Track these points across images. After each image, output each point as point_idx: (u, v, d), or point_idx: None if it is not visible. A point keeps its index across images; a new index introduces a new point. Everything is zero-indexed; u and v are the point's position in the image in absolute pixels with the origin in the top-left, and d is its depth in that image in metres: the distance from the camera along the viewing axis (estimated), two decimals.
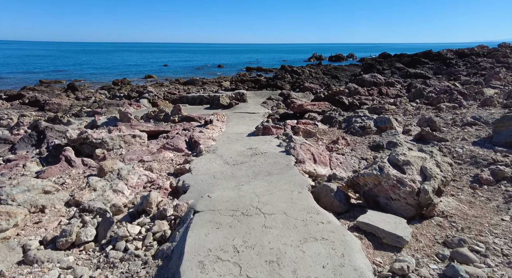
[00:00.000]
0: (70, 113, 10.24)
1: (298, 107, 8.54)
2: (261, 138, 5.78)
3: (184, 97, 12.06)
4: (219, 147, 5.22)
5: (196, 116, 8.89)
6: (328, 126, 7.05)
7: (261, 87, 16.60)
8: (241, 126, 7.52)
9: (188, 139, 6.07)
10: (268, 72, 30.40)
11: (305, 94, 11.59)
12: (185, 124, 7.84)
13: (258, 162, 4.27)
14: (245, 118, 8.53)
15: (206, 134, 6.20)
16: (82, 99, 13.56)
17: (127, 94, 14.09)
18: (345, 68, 26.15)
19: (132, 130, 6.04)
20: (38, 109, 11.82)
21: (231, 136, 6.16)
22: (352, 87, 10.61)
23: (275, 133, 6.01)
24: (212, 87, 19.79)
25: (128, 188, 3.75)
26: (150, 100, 12.12)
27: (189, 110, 10.37)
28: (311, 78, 18.68)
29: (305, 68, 22.36)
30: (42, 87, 20.54)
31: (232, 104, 10.48)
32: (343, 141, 5.52)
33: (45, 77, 27.91)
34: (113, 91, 18.00)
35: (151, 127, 6.88)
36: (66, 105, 11.86)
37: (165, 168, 4.65)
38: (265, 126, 6.11)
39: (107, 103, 11.72)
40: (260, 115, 9.05)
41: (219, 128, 7.08)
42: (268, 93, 14.26)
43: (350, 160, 4.65)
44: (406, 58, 30.81)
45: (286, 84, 16.86)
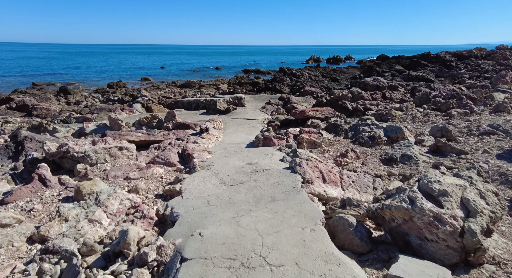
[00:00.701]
0: (58, 119, 9.62)
1: (300, 113, 7.98)
2: (261, 150, 5.20)
3: (180, 101, 11.46)
4: (215, 161, 4.63)
5: (191, 123, 8.30)
6: (333, 135, 6.49)
7: (260, 91, 16.04)
8: (239, 134, 6.94)
9: (181, 150, 5.48)
10: (266, 75, 29.86)
11: (306, 99, 11.05)
12: (179, 133, 7.25)
13: (260, 181, 3.68)
14: (244, 125, 7.95)
15: (201, 145, 5.62)
16: (73, 104, 12.92)
17: (120, 98, 13.46)
18: (344, 71, 25.66)
19: (120, 141, 5.44)
20: (26, 114, 11.17)
21: (229, 148, 5.58)
22: (356, 92, 10.06)
23: (277, 145, 5.44)
24: (209, 90, 19.21)
25: (107, 216, 3.15)
26: (144, 104, 11.51)
27: (185, 116, 9.78)
28: (311, 81, 18.14)
29: (304, 70, 21.84)
30: (34, 90, 19.84)
31: (230, 109, 9.91)
32: (353, 153, 4.95)
33: (39, 80, 27.19)
34: (107, 94, 17.36)
35: (141, 137, 6.28)
36: (55, 110, 11.22)
37: (153, 188, 4.06)
38: (265, 136, 5.54)
39: (98, 108, 11.10)
40: (259, 121, 8.48)
41: (216, 138, 6.49)
42: (267, 97, 13.70)
43: (363, 178, 4.08)
44: (405, 60, 30.41)
45: (285, 87, 16.31)
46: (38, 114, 10.91)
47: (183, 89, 20.39)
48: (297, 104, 10.28)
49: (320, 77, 19.42)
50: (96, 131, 8.25)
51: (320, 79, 18.81)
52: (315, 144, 5.61)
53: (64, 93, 16.72)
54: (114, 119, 8.31)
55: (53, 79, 28.07)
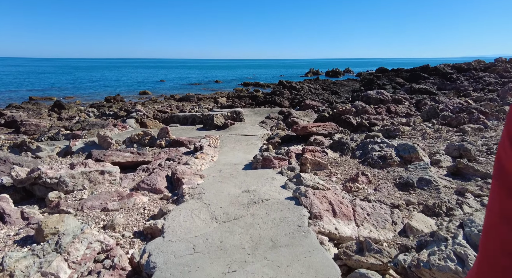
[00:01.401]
0: (46, 136, 9.04)
1: (301, 129, 7.41)
2: (260, 173, 4.59)
3: (176, 116, 10.92)
4: (207, 188, 4.02)
5: (185, 140, 7.72)
6: (339, 154, 5.89)
7: (259, 104, 15.55)
8: (236, 153, 6.34)
9: (170, 173, 4.88)
10: (265, 88, 29.55)
11: (307, 113, 10.52)
12: (171, 151, 6.65)
13: (258, 217, 3.06)
14: (242, 142, 7.36)
15: (193, 167, 5.01)
16: (65, 119, 12.38)
17: (114, 113, 12.94)
18: (344, 83, 25.32)
19: (102, 164, 4.83)
20: (14, 131, 10.61)
21: (224, 170, 4.97)
22: (359, 106, 9.54)
23: (278, 167, 4.83)
24: (208, 103, 18.75)
25: (68, 266, 2.52)
26: (138, 120, 10.97)
27: (180, 132, 9.21)
28: (311, 94, 17.70)
29: (303, 83, 21.46)
30: (30, 105, 19.38)
31: (228, 124, 9.35)
32: (364, 177, 4.35)
33: (36, 94, 26.80)
34: (102, 109, 16.88)
35: (128, 158, 5.68)
36: (45, 126, 10.65)
37: (133, 223, 3.43)
38: (265, 157, 4.94)
39: (91, 123, 10.55)
40: (258, 138, 7.90)
41: (211, 157, 5.89)
42: (267, 111, 13.18)
43: (379, 209, 3.46)
44: (405, 73, 30.19)
45: (285, 100, 15.83)
46: (27, 130, 10.35)
47: (181, 103, 19.94)
48: (298, 119, 9.74)
49: (320, 90, 19.00)
50: (83, 149, 7.66)
51: (320, 92, 18.38)
52: (320, 165, 5.01)
53: (59, 108, 16.22)
54: (103, 137, 7.74)
55: (50, 93, 27.70)
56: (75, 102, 22.40)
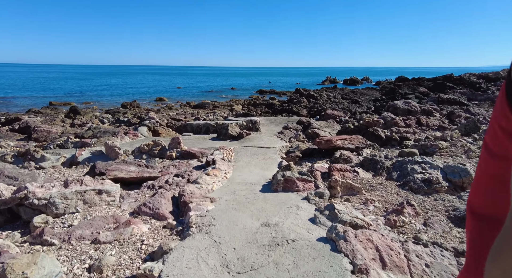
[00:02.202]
0: (54, 144, 8.62)
1: (326, 143, 6.61)
2: (282, 198, 3.83)
3: (189, 125, 10.35)
4: (218, 218, 3.29)
5: (197, 152, 7.08)
6: (372, 175, 5.05)
7: (276, 112, 14.84)
8: (252, 169, 5.61)
9: (177, 194, 4.19)
10: (281, 95, 28.86)
11: (329, 123, 9.71)
12: (181, 165, 6.00)
13: (283, 268, 2.30)
14: (258, 155, 6.63)
15: (203, 187, 4.31)
16: (78, 126, 12.06)
17: (128, 120, 12.53)
18: (364, 92, 24.28)
19: (101, 181, 4.21)
20: (26, 137, 10.32)
21: (239, 191, 4.24)
22: (388, 117, 8.64)
23: (302, 190, 4.06)
24: (223, 111, 18.21)
25: None
26: (151, 128, 10.46)
27: (193, 141, 8.60)
28: (330, 103, 16.84)
29: (322, 91, 20.62)
30: (48, 110, 19.45)
31: (243, 134, 8.66)
32: (410, 208, 3.51)
33: (56, 99, 27.14)
34: (117, 115, 16.62)
35: (132, 173, 5.05)
36: (57, 133, 10.31)
37: (125, 263, 2.73)
38: (287, 178, 4.18)
39: (102, 131, 10.11)
40: (276, 150, 7.14)
41: (224, 173, 5.18)
42: (284, 120, 12.44)
43: (440, 257, 2.62)
44: (427, 82, 28.84)
45: (303, 109, 15.05)
46: (38, 137, 10.02)
47: (196, 110, 19.51)
48: (319, 130, 8.94)
49: (339, 99, 18.10)
50: (90, 160, 7.13)
51: (340, 101, 17.49)
52: (352, 189, 4.20)
53: (74, 114, 16.07)
54: (110, 147, 7.20)
55: (70, 99, 28.02)
56: (92, 107, 22.42)
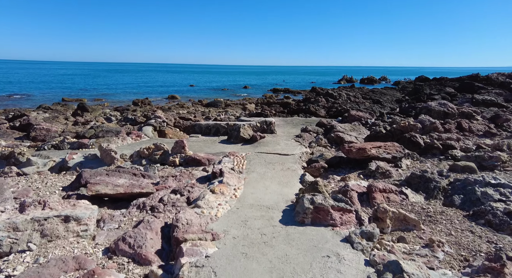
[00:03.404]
0: (50, 144, 7.74)
1: (358, 152, 5.41)
2: (313, 239, 2.70)
3: (197, 125, 9.31)
4: (221, 271, 2.20)
5: (204, 158, 6.02)
6: (423, 197, 3.84)
7: (291, 113, 13.65)
8: (268, 184, 4.48)
9: (171, 221, 3.13)
10: (296, 94, 27.58)
11: (354, 126, 8.48)
12: (182, 176, 4.94)
13: None
14: (275, 165, 5.49)
15: (204, 214, 3.22)
16: (82, 124, 11.24)
17: (133, 119, 11.63)
18: (384, 92, 22.71)
19: (73, 202, 3.19)
20: (25, 135, 9.54)
21: (251, 221, 3.13)
22: (427, 121, 7.33)
23: (340, 224, 2.91)
24: (236, 110, 17.15)
25: None
26: (156, 128, 9.48)
27: (200, 144, 7.55)
28: (350, 103, 15.50)
29: (341, 90, 19.24)
30: (59, 106, 18.91)
31: (256, 137, 7.54)
32: (511, 264, 2.30)
33: (69, 96, 26.78)
34: (126, 112, 15.81)
35: (120, 188, 4.01)
36: (56, 131, 9.48)
37: None
38: (318, 206, 3.02)
39: (105, 130, 9.20)
40: (295, 158, 5.99)
41: (233, 191, 4.08)
42: (301, 121, 11.25)
43: None
44: (451, 82, 26.94)
45: (321, 109, 13.80)
46: (37, 135, 9.21)
47: (208, 108, 18.53)
48: (343, 134, 7.72)
49: (360, 99, 16.72)
50: (81, 164, 6.18)
51: (360, 101, 16.11)
52: (406, 222, 3.02)
53: (82, 111, 15.35)
54: (105, 151, 6.23)
55: (83, 95, 27.61)
56: (103, 104, 21.79)
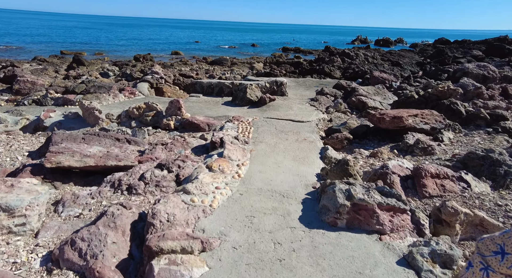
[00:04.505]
0: (30, 99, 6.74)
1: (392, 121, 4.30)
2: (353, 256, 1.75)
3: (198, 84, 8.13)
4: None
5: (203, 123, 4.99)
6: (490, 185, 2.84)
7: (303, 73, 12.26)
8: (281, 159, 3.49)
9: (149, 212, 2.20)
10: (307, 54, 25.56)
11: (378, 90, 7.24)
12: (175, 144, 3.95)
13: None
14: (288, 134, 4.46)
15: (195, 204, 2.29)
16: (73, 78, 10.10)
17: (129, 74, 10.43)
18: (403, 54, 20.71)
19: (10, 184, 2.25)
20: (8, 88, 8.52)
21: (259, 218, 2.19)
22: (471, 85, 6.07)
23: (390, 231, 1.96)
24: (242, 69, 15.70)
25: None
26: (153, 84, 8.34)
27: (201, 106, 6.47)
28: (368, 64, 13.93)
29: (358, 50, 17.42)
30: (55, 59, 17.56)
31: (265, 100, 6.42)
32: None
33: (69, 49, 25.14)
34: (125, 68, 14.50)
35: (90, 159, 3.04)
36: (43, 85, 8.41)
37: None
38: (357, 204, 2.04)
39: (97, 85, 8.10)
40: (312, 126, 4.93)
41: (236, 167, 3.12)
42: (315, 82, 9.97)
43: None
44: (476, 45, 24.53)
45: (336, 70, 12.37)
46: (20, 88, 8.17)
47: (212, 66, 17.06)
48: (366, 98, 6.54)
49: (379, 60, 15.06)
50: (61, 124, 5.22)
51: (379, 63, 14.50)
52: (483, 229, 2.05)
53: (77, 64, 14.09)
54: (87, 109, 5.21)
55: (83, 48, 25.93)
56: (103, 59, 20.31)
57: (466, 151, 3.90)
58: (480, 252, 0.90)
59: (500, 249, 0.84)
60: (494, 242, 0.87)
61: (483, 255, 0.89)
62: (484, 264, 0.87)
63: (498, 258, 0.84)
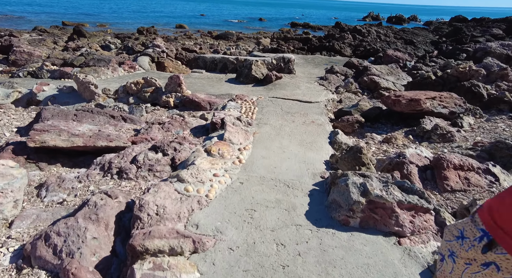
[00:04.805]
0: (25, 70, 6.41)
1: (408, 104, 3.93)
2: (368, 265, 1.48)
3: (201, 58, 7.69)
4: None
5: (204, 101, 4.66)
6: None
7: (312, 50, 11.63)
8: (286, 144, 3.19)
9: (137, 203, 1.95)
10: (316, 30, 24.42)
11: (391, 69, 6.75)
12: (173, 124, 3.66)
13: None
14: (295, 116, 4.12)
15: (189, 194, 2.03)
16: (72, 50, 9.67)
17: (130, 47, 9.95)
18: (416, 32, 19.60)
19: None
20: (4, 58, 8.17)
21: (260, 212, 1.93)
22: (495, 66, 5.57)
23: (410, 233, 1.69)
24: (248, 44, 15.03)
25: None
26: (154, 59, 7.92)
27: (203, 83, 6.09)
28: (380, 42, 13.18)
29: (370, 27, 16.48)
30: (56, 30, 16.99)
31: (271, 78, 6.01)
32: None
33: (71, 19, 24.31)
34: (127, 41, 13.93)
35: (78, 139, 2.77)
36: (40, 56, 8.04)
37: None
38: (374, 201, 1.76)
39: (96, 58, 7.71)
40: (320, 107, 4.57)
41: (236, 153, 2.83)
42: (324, 60, 9.43)
43: None
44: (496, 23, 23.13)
45: (347, 47, 11.71)
46: (17, 59, 7.82)
47: (217, 41, 16.36)
48: (379, 79, 6.10)
49: (391, 38, 14.25)
50: (55, 99, 4.92)
51: (392, 41, 13.71)
52: None
53: (78, 35, 13.56)
54: (83, 83, 4.88)
55: (86, 19, 25.05)
56: (106, 31, 19.60)
57: (489, 138, 3.56)
58: (446, 238, 0.90)
59: (460, 234, 0.84)
60: (456, 227, 0.88)
61: (449, 240, 0.89)
62: (450, 250, 0.87)
63: (459, 242, 0.84)
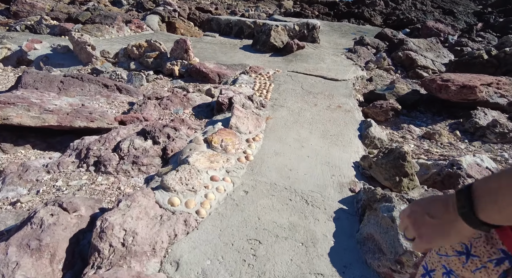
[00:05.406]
0: (23, 24, 5.78)
1: (460, 91, 3.13)
2: None
3: (215, 20, 6.78)
4: None
5: (213, 72, 3.98)
6: None
7: (339, 17, 10.34)
8: (305, 135, 2.56)
9: (95, 226, 1.44)
10: None
11: (431, 45, 5.72)
12: (171, 100, 3.04)
13: None
14: (317, 98, 3.41)
15: (169, 219, 1.50)
16: (79, 3, 8.84)
17: (142, 4, 9.01)
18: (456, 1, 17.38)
19: None
20: (6, 9, 7.51)
21: (265, 248, 1.40)
22: None
23: None
24: (269, 6, 13.63)
25: None
26: (164, 18, 7.08)
27: (215, 49, 5.32)
28: (415, 11, 11.62)
29: None
30: None
31: (292, 47, 5.17)
32: None
33: None
34: None
35: (50, 118, 2.20)
36: (43, 9, 7.33)
37: None
38: None
39: (103, 14, 6.94)
40: (348, 87, 3.82)
41: (243, 146, 2.24)
42: (352, 28, 8.32)
43: None
44: None
45: (377, 15, 10.35)
46: (19, 11, 7.15)
47: (236, 1, 14.95)
48: (416, 55, 5.16)
49: (429, 7, 12.56)
50: (48, 59, 4.33)
51: (428, 10, 12.08)
52: None
53: None
54: (78, 43, 4.24)
55: None
56: None
57: None
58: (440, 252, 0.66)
59: (465, 249, 0.63)
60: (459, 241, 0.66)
61: (446, 255, 0.65)
62: (447, 268, 0.65)
63: (462, 259, 0.62)
